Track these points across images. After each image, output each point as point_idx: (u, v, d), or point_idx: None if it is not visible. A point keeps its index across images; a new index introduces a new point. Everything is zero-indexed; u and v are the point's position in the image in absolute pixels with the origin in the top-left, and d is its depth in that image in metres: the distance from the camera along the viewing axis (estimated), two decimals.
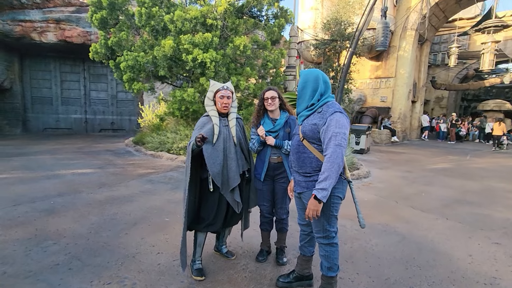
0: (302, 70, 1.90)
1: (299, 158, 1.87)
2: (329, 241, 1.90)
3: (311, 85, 1.83)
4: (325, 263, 1.93)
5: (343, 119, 1.73)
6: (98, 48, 7.28)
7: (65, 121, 13.37)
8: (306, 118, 1.86)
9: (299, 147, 1.87)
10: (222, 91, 2.23)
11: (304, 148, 1.84)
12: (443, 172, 7.06)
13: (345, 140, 1.69)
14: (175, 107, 6.77)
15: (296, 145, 1.91)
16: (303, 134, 1.85)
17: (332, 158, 1.65)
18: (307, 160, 1.83)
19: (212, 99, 2.26)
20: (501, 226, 3.57)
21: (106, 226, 3.13)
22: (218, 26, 6.39)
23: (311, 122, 1.81)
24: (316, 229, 1.91)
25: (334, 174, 1.65)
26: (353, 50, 5.47)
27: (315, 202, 1.68)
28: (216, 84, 2.27)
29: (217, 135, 2.20)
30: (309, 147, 1.82)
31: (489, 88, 22.45)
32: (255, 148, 2.33)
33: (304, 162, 1.84)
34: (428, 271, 2.47)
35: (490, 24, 12.24)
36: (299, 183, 1.90)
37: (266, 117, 2.35)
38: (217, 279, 2.24)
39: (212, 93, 2.25)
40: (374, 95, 14.36)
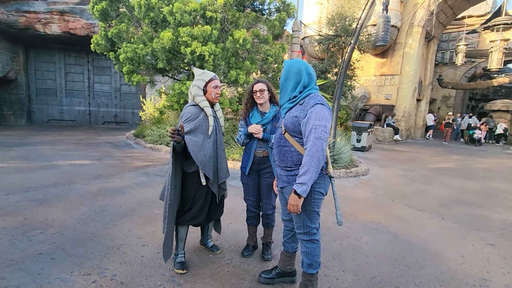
0: (286, 61, 1.83)
1: (281, 152, 1.82)
2: (310, 238, 1.85)
3: (294, 77, 1.77)
4: (306, 260, 1.89)
5: (324, 111, 1.66)
6: (99, 40, 7.25)
7: (69, 113, 13.47)
8: (289, 111, 1.81)
9: (281, 140, 1.83)
10: (215, 81, 2.15)
11: (285, 142, 1.79)
12: (445, 171, 6.93)
13: (326, 133, 1.63)
14: (174, 100, 6.74)
15: (278, 138, 1.86)
16: (284, 127, 1.80)
17: (311, 152, 1.60)
18: (288, 153, 1.78)
19: (202, 88, 2.14)
20: (498, 228, 3.48)
21: (95, 217, 3.13)
22: (218, 19, 6.31)
23: (292, 115, 1.76)
24: (297, 225, 1.86)
25: (314, 168, 1.59)
26: (353, 44, 5.35)
27: (295, 197, 1.63)
28: (207, 73, 2.17)
29: (212, 127, 2.13)
30: (290, 140, 1.77)
31: (498, 87, 21.99)
32: (242, 141, 2.29)
33: (285, 155, 1.79)
34: (417, 271, 2.41)
35: (500, 22, 11.92)
36: (281, 178, 1.86)
37: (255, 110, 2.30)
38: (199, 273, 2.21)
39: (204, 82, 2.14)
40: (378, 92, 14.15)
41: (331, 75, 11.15)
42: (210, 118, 2.13)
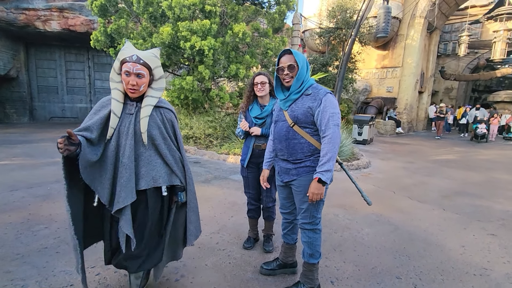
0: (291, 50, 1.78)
1: (289, 145, 1.78)
2: (313, 227, 1.86)
3: (306, 67, 1.76)
4: (307, 250, 1.90)
5: (335, 99, 1.73)
6: (99, 36, 7.24)
7: (71, 110, 13.51)
8: (293, 103, 1.76)
9: (289, 133, 1.78)
10: (129, 64, 1.42)
11: (294, 134, 1.76)
12: (447, 163, 6.92)
13: (340, 120, 1.70)
14: (175, 96, 6.74)
15: (284, 132, 1.80)
16: (293, 119, 1.75)
17: (333, 139, 1.63)
18: (298, 146, 1.76)
19: (118, 72, 1.49)
20: (499, 218, 3.49)
21: None
22: (217, 13, 6.27)
23: (303, 106, 1.72)
24: (304, 214, 1.85)
25: (335, 154, 1.64)
26: (354, 36, 5.31)
27: (319, 185, 1.64)
28: (124, 50, 1.47)
29: (114, 130, 1.49)
30: (300, 132, 1.74)
31: (501, 78, 21.74)
32: (242, 135, 2.30)
33: (294, 148, 1.77)
34: (417, 261, 2.43)
35: (503, 12, 11.76)
36: (288, 172, 1.83)
37: (255, 103, 2.30)
38: (201, 265, 2.24)
39: (118, 62, 1.47)
40: (380, 85, 14.06)
41: (332, 68, 11.09)
42: (112, 116, 1.47)
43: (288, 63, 1.70)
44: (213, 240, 2.66)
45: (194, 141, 7.31)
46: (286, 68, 1.71)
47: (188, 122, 7.64)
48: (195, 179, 4.54)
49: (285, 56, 1.74)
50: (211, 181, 4.56)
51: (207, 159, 6.15)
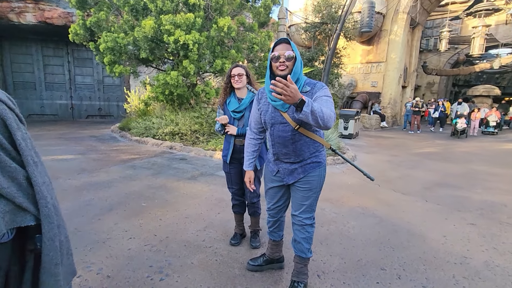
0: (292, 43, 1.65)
1: (296, 148, 1.71)
2: (312, 222, 1.87)
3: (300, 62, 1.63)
4: (306, 245, 1.87)
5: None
6: (77, 29, 6.96)
7: (50, 107, 12.99)
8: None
9: (295, 136, 1.67)
10: None
11: (300, 136, 1.68)
12: (429, 156, 7.12)
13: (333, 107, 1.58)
14: (159, 91, 6.59)
15: (290, 136, 1.67)
16: (298, 121, 1.62)
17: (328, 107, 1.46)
18: (305, 146, 1.71)
19: None
20: (478, 208, 3.61)
21: (79, 212, 3.06)
22: (202, 6, 6.14)
23: None
24: (306, 210, 1.82)
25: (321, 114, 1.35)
26: (339, 31, 5.33)
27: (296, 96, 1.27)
28: None
29: None
30: (306, 133, 1.67)
31: (480, 73, 22.54)
32: (222, 130, 2.25)
33: (302, 150, 1.72)
34: (401, 252, 2.48)
35: (482, 8, 12.12)
36: (293, 172, 1.77)
37: (233, 96, 2.26)
38: (187, 263, 2.20)
39: None
40: (365, 80, 14.27)
41: (318, 63, 11.14)
42: None
43: (286, 51, 1.56)
44: (199, 237, 2.62)
45: (180, 137, 7.19)
46: (283, 56, 1.56)
47: (173, 118, 7.50)
48: (182, 176, 4.52)
49: (282, 45, 1.60)
50: (197, 178, 4.50)
51: (193, 156, 6.07)
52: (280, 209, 1.99)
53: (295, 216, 1.87)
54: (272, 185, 1.92)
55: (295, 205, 1.85)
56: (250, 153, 1.94)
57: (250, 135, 1.92)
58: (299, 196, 1.81)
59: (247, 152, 1.94)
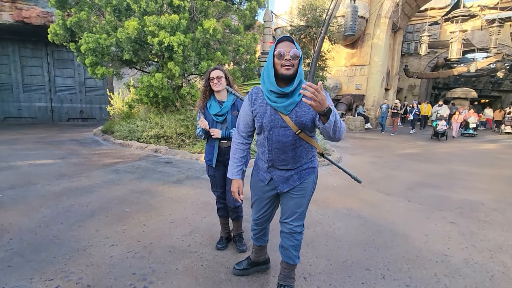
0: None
1: (296, 154, 1.63)
2: (302, 229, 1.80)
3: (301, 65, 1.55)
4: (294, 252, 1.83)
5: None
6: (57, 29, 6.73)
7: (28, 110, 12.49)
8: (297, 105, 1.54)
9: (296, 142, 1.59)
10: None
11: (300, 142, 1.60)
12: (411, 157, 7.32)
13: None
14: (143, 94, 6.46)
15: (291, 141, 1.58)
16: (300, 125, 1.55)
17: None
18: (304, 152, 1.65)
19: None
20: (457, 206, 3.74)
21: (58, 219, 2.94)
22: (187, 8, 6.08)
23: (310, 110, 1.52)
24: (300, 216, 1.76)
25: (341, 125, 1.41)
26: (323, 35, 5.42)
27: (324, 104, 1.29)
28: None
29: None
30: (305, 138, 1.60)
31: (458, 76, 23.47)
32: (203, 135, 2.22)
33: (300, 155, 1.65)
34: (385, 252, 2.52)
35: (458, 14, 12.64)
36: (288, 179, 1.69)
37: (213, 99, 2.23)
38: (171, 269, 2.15)
39: None
40: (349, 82, 14.55)
41: (304, 65, 11.26)
42: None
43: (292, 50, 1.45)
44: (184, 242, 2.57)
45: (165, 140, 7.07)
46: (288, 54, 1.45)
47: (158, 121, 7.37)
48: (167, 180, 4.43)
49: (286, 42, 1.48)
50: (183, 181, 4.43)
51: (179, 159, 5.98)
52: (267, 218, 1.91)
53: (285, 224, 1.78)
54: (262, 195, 1.80)
55: (287, 213, 1.76)
56: (238, 159, 1.78)
57: (238, 139, 1.77)
58: (293, 204, 1.73)
59: (235, 158, 1.78)
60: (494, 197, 4.17)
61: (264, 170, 1.74)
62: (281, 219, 1.81)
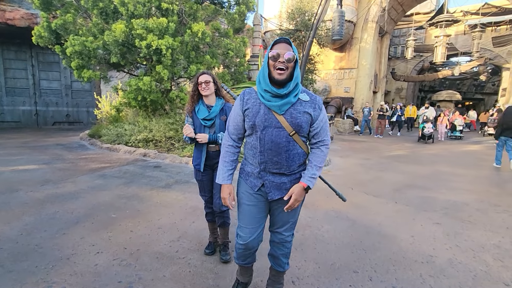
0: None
1: (289, 157, 1.55)
2: (292, 238, 1.79)
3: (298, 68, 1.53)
4: (284, 260, 1.81)
5: None
6: (42, 32, 6.58)
7: (12, 114, 12.13)
8: (292, 107, 1.51)
9: (289, 144, 1.53)
10: None
11: (294, 144, 1.54)
12: (398, 158, 7.45)
13: None
14: (131, 97, 6.38)
15: (284, 142, 1.52)
16: (295, 127, 1.51)
17: (328, 147, 1.60)
18: (296, 157, 1.57)
19: None
20: (442, 207, 3.82)
21: (41, 227, 2.85)
22: (175, 11, 6.05)
23: (305, 113, 1.52)
24: (292, 225, 1.74)
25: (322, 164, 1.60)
26: (311, 39, 5.49)
27: (304, 192, 1.56)
28: None
29: None
30: (298, 141, 1.55)
31: (443, 79, 24.13)
32: (189, 140, 2.20)
33: (293, 160, 1.57)
34: (373, 254, 2.55)
35: (442, 19, 13.00)
36: (281, 186, 1.60)
37: (201, 104, 2.22)
38: (159, 276, 2.12)
39: None
40: (338, 85, 14.75)
41: None
42: None
43: (287, 52, 1.43)
44: (172, 248, 2.54)
45: (154, 144, 6.99)
46: (283, 56, 1.42)
47: (147, 125, 7.28)
48: (155, 184, 4.38)
49: (282, 44, 1.45)
50: (172, 186, 4.38)
51: (168, 163, 5.92)
52: (258, 234, 1.69)
53: (277, 234, 1.74)
54: (251, 203, 1.66)
55: (279, 223, 1.71)
56: (228, 163, 1.68)
57: (228, 142, 1.68)
58: (285, 213, 1.66)
59: (225, 162, 1.68)
60: (478, 198, 4.28)
61: (255, 176, 1.63)
62: (272, 229, 1.77)
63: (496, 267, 2.38)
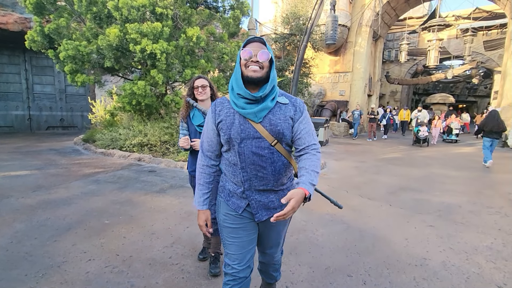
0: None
1: (275, 171, 1.35)
2: (282, 254, 1.72)
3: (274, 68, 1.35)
4: (275, 273, 1.76)
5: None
6: (35, 36, 6.55)
7: (4, 119, 11.99)
8: (271, 112, 1.31)
9: (273, 155, 1.32)
10: None
11: (278, 155, 1.33)
12: (393, 161, 7.50)
13: None
14: (126, 101, 6.35)
15: (267, 153, 1.31)
16: (276, 135, 1.30)
17: (319, 152, 1.36)
18: (283, 168, 1.37)
19: None
20: (436, 210, 3.85)
21: (32, 234, 2.81)
22: (169, 16, 6.06)
23: (285, 118, 1.32)
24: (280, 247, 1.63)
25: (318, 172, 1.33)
26: (305, 43, 5.53)
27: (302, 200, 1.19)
28: None
29: None
30: (282, 151, 1.34)
31: (436, 83, 24.43)
32: (184, 149, 2.19)
33: (280, 172, 1.36)
34: (367, 257, 2.55)
35: (435, 23, 13.21)
36: (269, 205, 1.39)
37: (196, 110, 2.22)
38: (151, 283, 2.09)
39: None
40: (333, 89, 14.85)
41: (288, 72, 11.42)
42: None
43: (261, 51, 1.25)
44: (166, 254, 2.51)
45: (149, 148, 6.95)
46: (258, 55, 1.25)
47: (142, 129, 7.24)
48: (149, 189, 4.34)
49: (256, 43, 1.28)
50: (166, 191, 4.35)
51: (163, 167, 5.88)
52: (248, 261, 1.45)
53: (266, 254, 1.61)
54: (237, 225, 1.43)
55: (268, 244, 1.56)
56: (204, 186, 1.46)
57: (203, 162, 1.46)
58: (275, 234, 1.51)
59: (200, 185, 1.47)
60: (470, 200, 4.32)
61: (238, 196, 1.40)
62: (259, 249, 1.62)
63: (489, 269, 2.40)
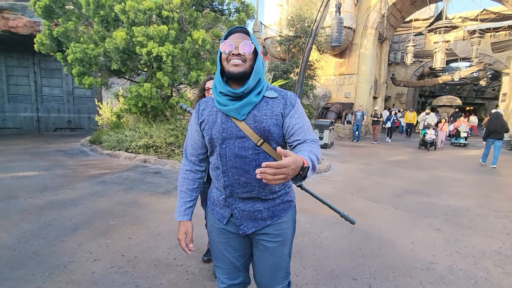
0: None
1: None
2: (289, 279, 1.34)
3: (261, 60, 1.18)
4: None
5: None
6: (44, 39, 6.67)
7: (14, 120, 12.21)
8: (256, 108, 1.13)
9: (259, 156, 1.13)
10: None
11: (265, 156, 1.13)
12: (399, 164, 7.43)
13: None
14: (132, 103, 6.42)
15: (251, 155, 1.13)
16: (262, 133, 1.12)
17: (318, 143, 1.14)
18: None
19: None
20: (443, 213, 3.80)
21: (39, 234, 2.85)
22: (175, 19, 6.13)
23: (273, 113, 1.13)
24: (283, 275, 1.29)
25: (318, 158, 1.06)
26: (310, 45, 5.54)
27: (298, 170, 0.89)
28: None
29: None
30: (270, 152, 1.13)
31: (443, 85, 24.18)
32: None
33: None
34: (372, 261, 2.53)
35: (441, 25, 13.08)
36: (255, 216, 1.20)
37: None
38: (156, 284, 2.10)
39: None
40: (338, 91, 14.80)
41: (293, 75, 11.43)
42: None
43: (243, 42, 1.08)
44: (170, 255, 2.53)
45: (154, 150, 7.00)
46: (239, 47, 1.08)
47: (147, 131, 7.30)
48: (155, 191, 4.37)
49: (238, 34, 1.11)
50: (171, 192, 4.37)
51: (168, 169, 5.92)
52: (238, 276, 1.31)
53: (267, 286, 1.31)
54: (220, 240, 1.27)
55: (265, 273, 1.27)
56: (186, 193, 1.29)
57: (186, 166, 1.30)
58: (269, 257, 1.24)
59: (182, 192, 1.30)
60: (478, 203, 4.26)
61: (221, 204, 1.24)
62: (255, 278, 1.33)
63: (497, 274, 2.36)
